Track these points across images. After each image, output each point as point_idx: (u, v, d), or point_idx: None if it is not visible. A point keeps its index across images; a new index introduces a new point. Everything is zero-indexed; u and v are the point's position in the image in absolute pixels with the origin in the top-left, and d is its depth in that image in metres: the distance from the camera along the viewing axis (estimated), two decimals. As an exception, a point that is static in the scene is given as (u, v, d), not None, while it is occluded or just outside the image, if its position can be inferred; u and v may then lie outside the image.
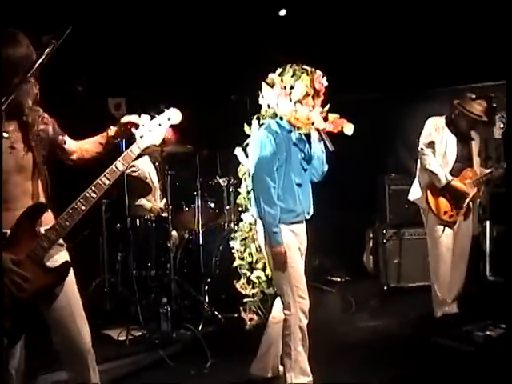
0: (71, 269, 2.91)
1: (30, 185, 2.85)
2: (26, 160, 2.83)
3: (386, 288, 6.58)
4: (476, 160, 5.48)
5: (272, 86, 3.87)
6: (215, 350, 4.56)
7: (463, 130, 5.38)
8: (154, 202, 6.00)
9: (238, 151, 4.50)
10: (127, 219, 5.36)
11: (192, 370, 4.35)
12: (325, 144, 3.78)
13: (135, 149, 2.98)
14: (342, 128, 3.76)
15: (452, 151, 5.35)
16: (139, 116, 3.04)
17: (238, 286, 4.66)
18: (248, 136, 4.34)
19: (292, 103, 3.74)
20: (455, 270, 5.41)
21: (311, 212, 3.95)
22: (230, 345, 4.76)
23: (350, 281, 7.04)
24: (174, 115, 3.08)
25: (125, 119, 3.04)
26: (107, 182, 2.88)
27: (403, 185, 6.71)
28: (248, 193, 4.39)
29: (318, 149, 3.90)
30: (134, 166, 5.78)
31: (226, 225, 5.87)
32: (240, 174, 4.54)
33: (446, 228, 5.34)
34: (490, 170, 5.42)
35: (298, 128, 3.86)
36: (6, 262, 2.68)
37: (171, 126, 3.09)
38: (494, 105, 5.54)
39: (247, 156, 4.20)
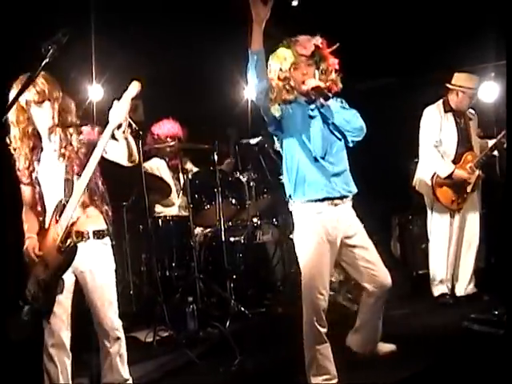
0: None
1: None
2: None
3: (414, 275, 6.48)
4: (475, 141, 5.47)
5: None
6: (243, 347, 4.51)
7: (464, 110, 5.41)
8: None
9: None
10: (148, 220, 5.33)
11: (221, 368, 4.31)
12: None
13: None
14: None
15: (453, 138, 5.39)
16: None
17: None
18: None
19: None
20: (469, 254, 5.51)
21: (349, 188, 3.75)
22: (258, 341, 4.72)
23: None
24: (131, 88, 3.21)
25: None
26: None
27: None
28: None
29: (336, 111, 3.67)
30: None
31: (248, 220, 5.83)
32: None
33: (455, 218, 5.44)
34: (491, 143, 5.40)
35: (313, 98, 3.67)
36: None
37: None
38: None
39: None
